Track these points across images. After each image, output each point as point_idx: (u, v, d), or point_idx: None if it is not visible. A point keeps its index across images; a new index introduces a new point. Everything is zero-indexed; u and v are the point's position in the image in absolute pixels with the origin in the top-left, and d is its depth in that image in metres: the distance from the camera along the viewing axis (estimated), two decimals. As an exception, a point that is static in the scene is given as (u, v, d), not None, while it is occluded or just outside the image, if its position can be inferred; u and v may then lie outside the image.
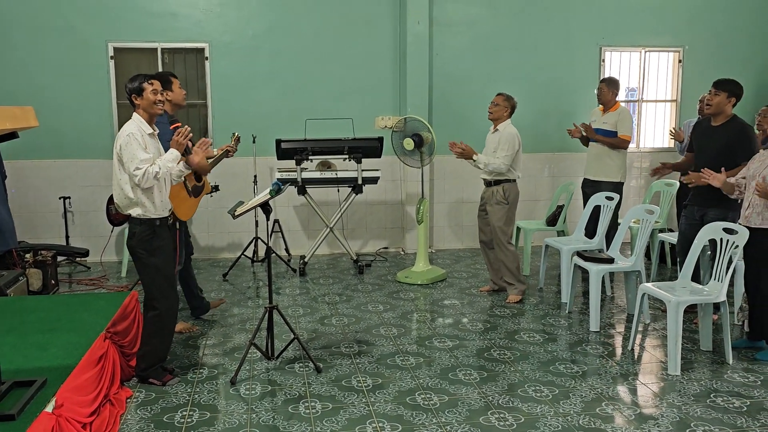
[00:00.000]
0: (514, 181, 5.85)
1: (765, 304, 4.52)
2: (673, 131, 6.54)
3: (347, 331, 5.14)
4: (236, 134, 5.67)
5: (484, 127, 6.32)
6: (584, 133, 6.62)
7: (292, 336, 4.54)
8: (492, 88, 7.73)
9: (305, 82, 7.61)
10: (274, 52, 7.53)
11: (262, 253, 7.29)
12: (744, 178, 4.59)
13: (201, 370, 4.38)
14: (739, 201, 4.70)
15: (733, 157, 4.91)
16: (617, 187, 6.47)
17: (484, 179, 5.92)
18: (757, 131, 6.24)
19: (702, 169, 4.66)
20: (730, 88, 4.99)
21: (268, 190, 4.30)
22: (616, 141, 6.47)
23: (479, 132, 7.48)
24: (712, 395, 3.98)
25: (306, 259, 6.98)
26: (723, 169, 4.66)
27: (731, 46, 8.35)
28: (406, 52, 7.53)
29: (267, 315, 4.44)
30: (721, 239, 4.53)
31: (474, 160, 5.80)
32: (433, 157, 6.60)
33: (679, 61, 8.33)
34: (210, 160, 5.33)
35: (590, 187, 6.62)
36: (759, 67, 8.45)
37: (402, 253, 7.89)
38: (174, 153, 4.05)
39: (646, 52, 8.28)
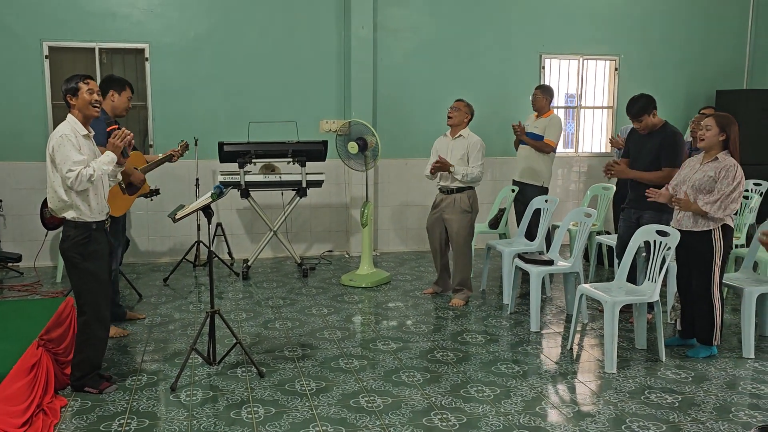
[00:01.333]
0: (474, 188, 5.90)
1: (696, 304, 4.68)
2: (613, 139, 6.72)
3: (291, 335, 5.09)
4: (184, 142, 5.58)
5: (429, 131, 6.38)
6: (518, 132, 6.78)
7: (235, 341, 4.47)
8: (436, 93, 7.81)
9: (248, 84, 7.53)
10: (216, 54, 7.42)
11: (204, 257, 7.16)
12: (676, 185, 4.73)
13: (140, 377, 4.27)
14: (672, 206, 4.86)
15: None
16: (542, 191, 6.63)
17: (444, 187, 5.89)
18: (690, 138, 6.49)
19: (647, 190, 4.76)
20: (643, 106, 5.13)
21: (209, 194, 4.22)
22: (539, 144, 6.63)
23: (422, 136, 7.53)
24: (646, 392, 4.09)
25: (249, 263, 6.89)
26: (667, 186, 4.79)
27: (663, 56, 8.63)
28: (351, 56, 7.52)
29: (209, 319, 4.36)
30: (655, 241, 4.67)
31: (451, 172, 5.77)
32: (377, 161, 6.61)
33: (615, 69, 8.57)
34: (150, 163, 5.22)
35: (519, 189, 6.77)
36: (688, 75, 8.76)
37: (346, 256, 7.87)
38: (110, 156, 3.94)
39: (584, 60, 8.49)
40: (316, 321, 5.44)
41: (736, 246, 6.20)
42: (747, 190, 7.00)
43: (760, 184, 7.29)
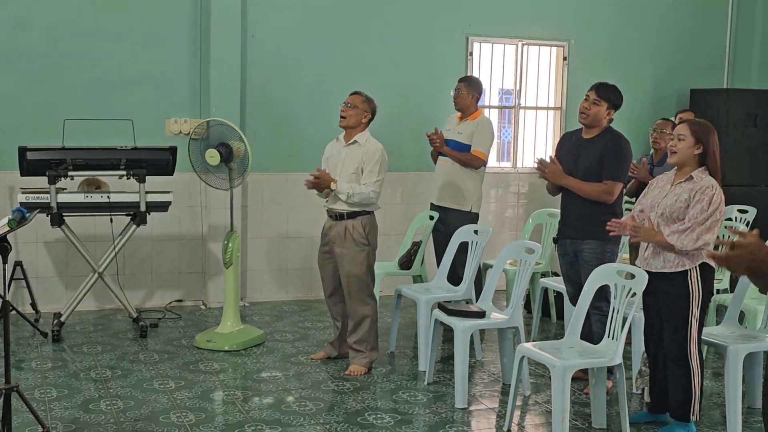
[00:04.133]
0: (373, 213, 5.96)
1: (668, 367, 4.89)
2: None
3: (123, 420, 4.97)
4: None
5: (318, 137, 6.42)
6: (435, 144, 6.92)
7: (41, 429, 4.32)
8: (328, 84, 7.87)
9: (64, 67, 7.36)
10: (18, 22, 7.23)
11: (-5, 310, 6.88)
12: (641, 211, 4.96)
13: None
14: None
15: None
16: (470, 218, 6.80)
17: (332, 211, 5.93)
18: (652, 150, 6.85)
19: (610, 223, 4.93)
20: (612, 97, 5.47)
21: (5, 220, 4.12)
22: (466, 157, 6.81)
23: (309, 142, 7.58)
24: (606, 486, 4.24)
25: (63, 318, 6.70)
26: (633, 215, 5.00)
27: (624, 43, 9.06)
28: (210, 30, 7.51)
29: (2, 400, 4.19)
30: (617, 285, 4.86)
31: (333, 190, 5.82)
32: (246, 176, 6.59)
33: (564, 59, 8.94)
34: None
35: (439, 217, 6.93)
36: (657, 70, 9.22)
37: (203, 307, 7.77)
38: None
39: (523, 45, 8.81)
40: (159, 399, 5.34)
41: (718, 291, 6.54)
42: (729, 219, 7.41)
43: (745, 211, 7.74)
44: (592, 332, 5.33)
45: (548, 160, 5.56)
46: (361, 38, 8.14)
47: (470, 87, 6.99)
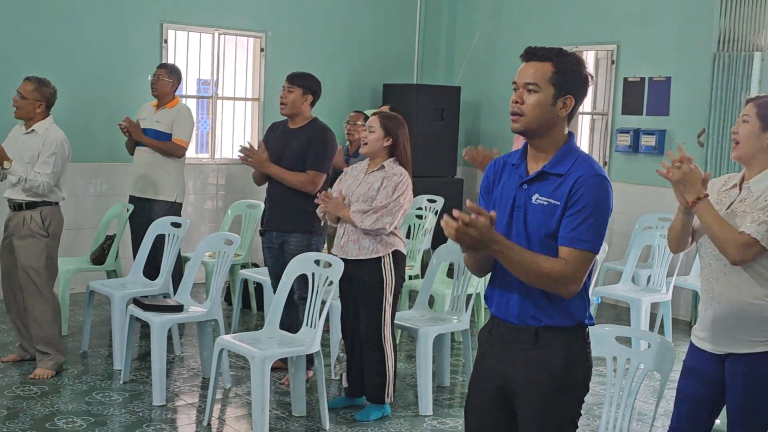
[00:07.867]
0: (57, 204, 5.69)
1: (364, 352, 5.08)
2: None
3: None
4: None
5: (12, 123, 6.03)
6: (129, 133, 6.77)
7: None
8: (10, 66, 7.38)
9: None
10: None
11: None
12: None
13: None
14: (323, 224, 5.26)
15: None
16: (173, 208, 6.76)
17: (12, 200, 5.62)
18: (347, 141, 7.10)
19: (321, 195, 5.07)
20: (306, 83, 5.60)
21: None
22: (168, 146, 6.76)
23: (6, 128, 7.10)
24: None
25: None
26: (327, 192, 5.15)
27: (321, 37, 9.31)
28: None
29: None
30: (314, 274, 4.98)
31: (5, 168, 5.45)
32: None
33: (261, 50, 9.00)
34: None
35: (138, 209, 6.81)
36: (352, 64, 9.55)
37: None
38: None
39: (220, 35, 8.76)
40: None
41: (410, 277, 6.91)
42: (420, 209, 7.85)
43: (434, 201, 8.22)
44: (300, 323, 5.42)
45: (255, 146, 5.60)
46: (46, 18, 7.71)
47: (171, 74, 6.91)
